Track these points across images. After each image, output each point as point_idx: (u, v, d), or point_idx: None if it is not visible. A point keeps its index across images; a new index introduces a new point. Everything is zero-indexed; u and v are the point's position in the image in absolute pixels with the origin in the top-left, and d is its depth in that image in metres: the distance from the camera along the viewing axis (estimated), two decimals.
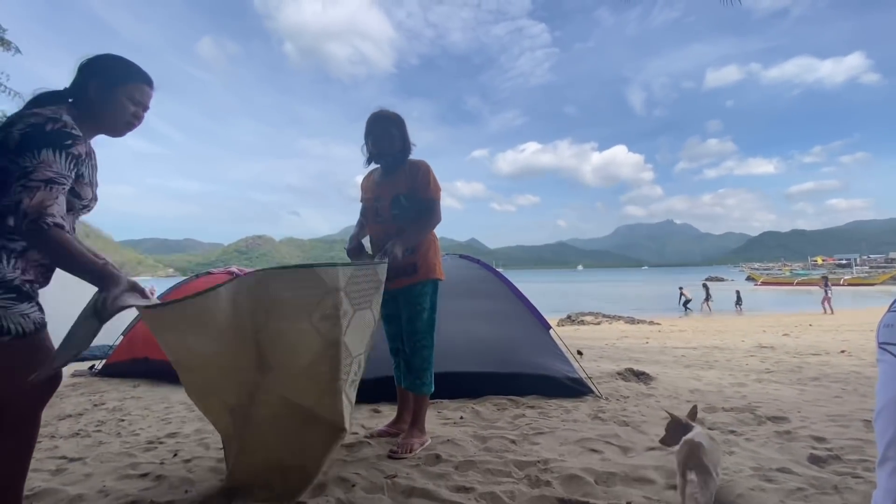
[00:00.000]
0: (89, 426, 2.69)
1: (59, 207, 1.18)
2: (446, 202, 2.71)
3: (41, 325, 1.30)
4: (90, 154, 1.38)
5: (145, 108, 1.47)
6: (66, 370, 4.45)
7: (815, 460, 1.97)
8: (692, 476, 1.45)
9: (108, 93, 1.39)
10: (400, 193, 2.22)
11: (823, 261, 68.94)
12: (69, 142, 1.24)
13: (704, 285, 21.73)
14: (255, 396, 1.59)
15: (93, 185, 1.39)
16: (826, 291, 17.37)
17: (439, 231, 2.40)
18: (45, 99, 1.36)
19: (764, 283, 43.64)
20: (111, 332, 5.06)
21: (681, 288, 22.28)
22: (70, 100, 1.39)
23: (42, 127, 1.21)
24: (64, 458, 2.16)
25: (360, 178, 2.54)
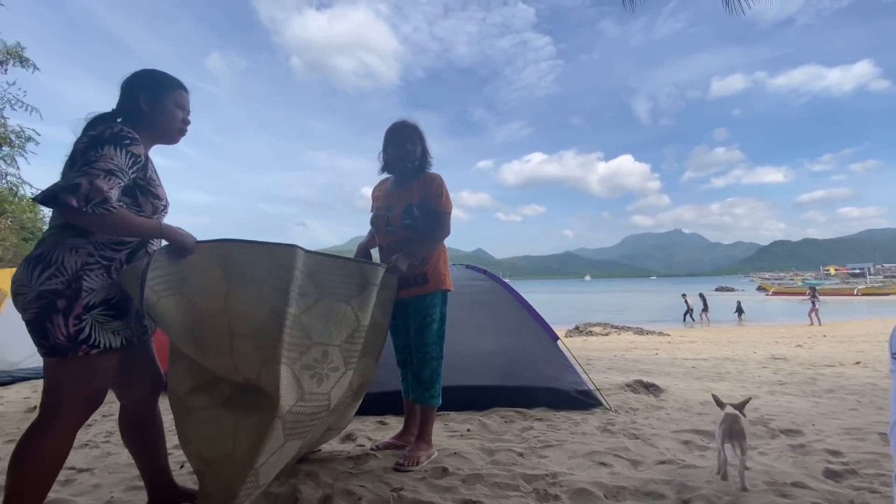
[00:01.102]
0: (98, 437, 2.70)
1: (115, 194, 1.31)
2: (453, 213, 2.74)
3: (128, 343, 1.43)
4: (151, 162, 1.51)
5: (188, 112, 1.60)
6: None
7: (830, 475, 1.92)
8: (729, 444, 1.83)
9: (158, 103, 1.51)
10: (412, 203, 2.23)
11: (836, 270, 67.92)
12: (128, 141, 1.36)
13: (701, 295, 21.19)
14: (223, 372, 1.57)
15: (163, 189, 1.53)
16: (813, 303, 17.30)
17: (446, 241, 2.40)
18: (97, 121, 1.47)
19: (776, 293, 43.06)
20: None
21: (684, 295, 21.90)
22: (119, 119, 1.49)
23: (102, 133, 1.34)
24: (73, 468, 2.16)
25: (366, 190, 2.57)
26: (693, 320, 20.30)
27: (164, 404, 1.63)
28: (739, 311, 20.50)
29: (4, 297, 4.98)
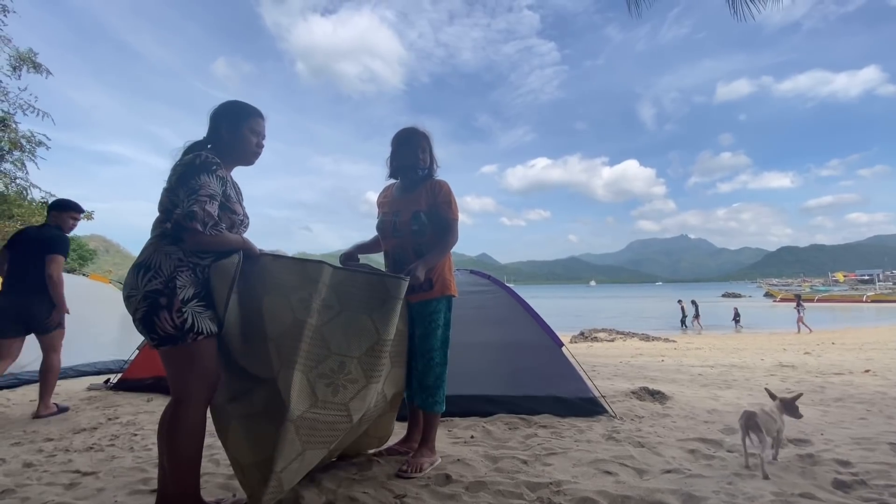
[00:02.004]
0: (103, 440, 2.71)
1: (216, 214, 1.60)
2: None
3: (220, 328, 1.65)
4: (234, 182, 1.79)
5: (264, 136, 1.85)
6: (82, 384, 4.51)
7: (839, 486, 1.90)
8: (751, 436, 2.05)
9: (236, 130, 1.77)
10: (420, 210, 2.23)
11: (845, 277, 67.22)
12: (214, 167, 1.63)
13: (693, 302, 21.15)
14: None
15: (241, 205, 1.79)
16: (799, 311, 17.37)
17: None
18: (192, 147, 1.75)
19: (783, 300, 42.67)
20: (127, 347, 5.13)
21: (680, 301, 21.97)
22: (209, 145, 1.77)
23: (193, 162, 1.61)
24: (77, 472, 2.17)
25: (370, 194, 2.58)
26: (686, 326, 20.27)
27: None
28: (737, 318, 20.43)
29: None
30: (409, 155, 2.28)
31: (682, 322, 20.50)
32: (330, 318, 1.69)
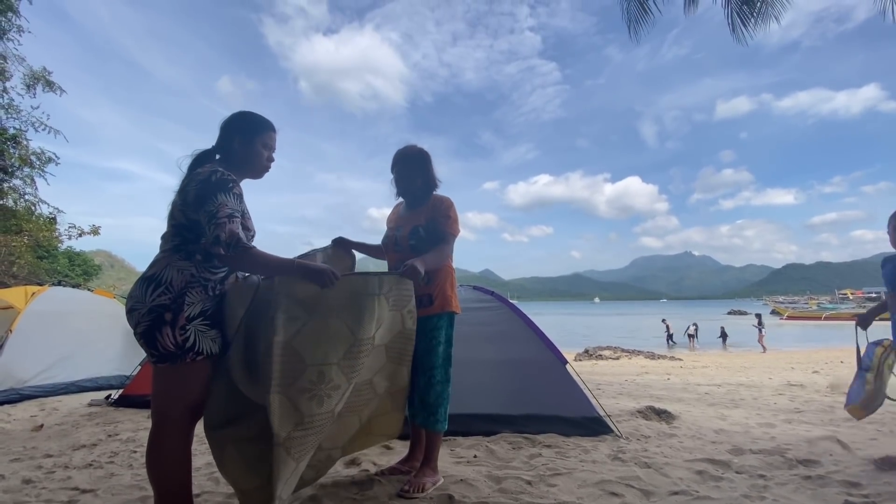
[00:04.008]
0: (102, 457, 2.69)
1: (243, 233, 1.56)
2: (461, 232, 2.75)
3: (225, 348, 1.61)
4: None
5: (274, 150, 1.82)
6: (83, 400, 4.49)
7: None
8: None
9: (249, 143, 1.74)
10: (419, 225, 2.26)
11: (853, 294, 66.54)
12: (231, 184, 1.60)
13: (695, 324, 21.66)
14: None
15: (251, 220, 1.74)
16: (760, 330, 17.40)
17: (454, 262, 2.40)
18: (202, 157, 1.72)
19: (790, 318, 42.22)
20: (130, 362, 5.13)
21: (664, 320, 22.31)
22: (217, 156, 1.74)
23: (209, 179, 1.57)
24: (76, 489, 2.15)
25: (373, 210, 2.64)
26: (674, 343, 20.53)
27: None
28: (723, 336, 20.49)
29: (17, 314, 5.04)
30: (402, 176, 2.34)
31: (668, 340, 21.01)
32: (297, 330, 1.61)
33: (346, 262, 2.34)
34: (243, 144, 1.73)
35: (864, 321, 2.90)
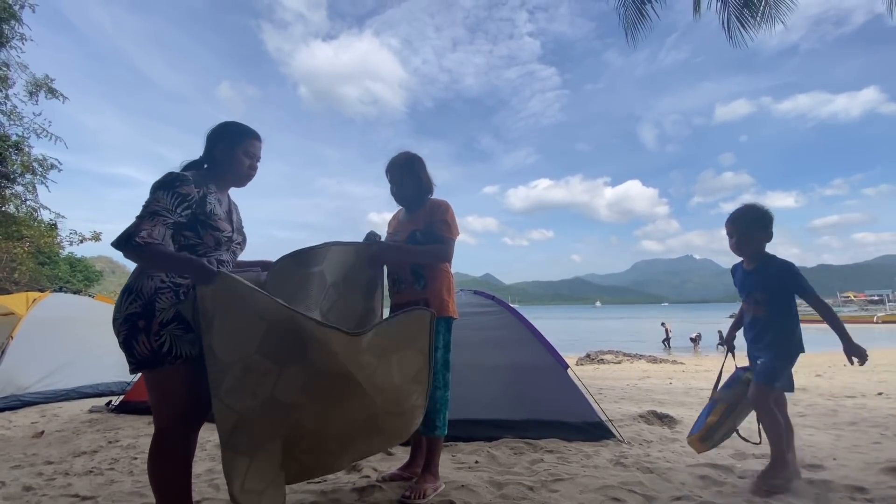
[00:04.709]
0: (103, 464, 2.68)
1: (154, 231, 1.49)
2: (460, 237, 2.74)
3: (200, 353, 1.57)
4: (230, 201, 1.82)
5: (258, 158, 1.82)
6: (83, 406, 4.49)
7: None
8: None
9: (230, 152, 1.75)
10: (417, 230, 2.29)
11: (855, 296, 66.30)
12: (177, 183, 1.58)
13: (662, 324, 22.29)
14: None
15: (232, 223, 1.76)
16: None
17: (454, 266, 2.40)
18: (188, 166, 1.76)
19: None
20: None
21: (663, 324, 22.59)
22: (205, 165, 1.78)
23: (160, 179, 1.59)
24: (77, 496, 2.15)
25: (373, 215, 2.64)
26: (669, 348, 20.71)
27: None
28: (722, 341, 20.48)
29: (18, 320, 5.05)
30: (400, 183, 2.37)
31: (665, 343, 21.38)
32: (208, 330, 1.56)
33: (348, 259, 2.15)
34: (224, 153, 1.75)
35: (729, 342, 2.59)
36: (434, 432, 2.17)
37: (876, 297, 60.17)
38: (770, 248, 2.35)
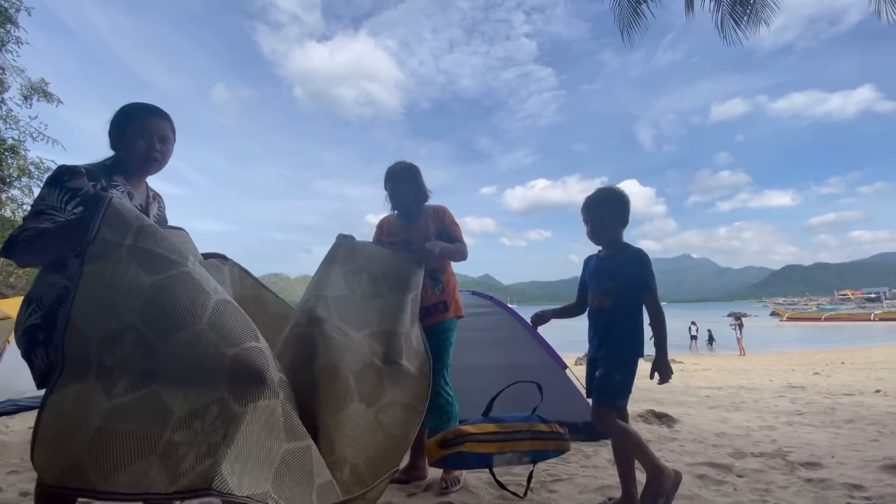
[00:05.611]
0: None
1: (36, 229, 1.32)
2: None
3: None
4: (150, 191, 1.67)
5: (160, 137, 1.58)
6: None
7: None
8: None
9: (122, 137, 1.56)
10: (432, 235, 2.35)
11: (853, 294, 66.52)
12: (66, 177, 1.42)
13: (693, 323, 22.33)
14: None
15: (148, 216, 1.56)
16: (737, 331, 17.97)
17: (454, 267, 2.49)
18: (105, 159, 1.58)
19: (790, 319, 42.20)
20: None
21: (693, 323, 22.57)
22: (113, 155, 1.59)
23: (52, 172, 1.45)
24: None
25: (370, 217, 2.66)
26: (707, 347, 20.69)
27: None
28: (711, 339, 20.72)
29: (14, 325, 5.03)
30: (401, 192, 2.41)
31: (694, 339, 21.33)
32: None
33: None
34: (118, 139, 1.56)
35: (543, 319, 2.44)
36: (448, 425, 2.23)
37: (873, 295, 60.38)
38: (770, 247, 2.28)
